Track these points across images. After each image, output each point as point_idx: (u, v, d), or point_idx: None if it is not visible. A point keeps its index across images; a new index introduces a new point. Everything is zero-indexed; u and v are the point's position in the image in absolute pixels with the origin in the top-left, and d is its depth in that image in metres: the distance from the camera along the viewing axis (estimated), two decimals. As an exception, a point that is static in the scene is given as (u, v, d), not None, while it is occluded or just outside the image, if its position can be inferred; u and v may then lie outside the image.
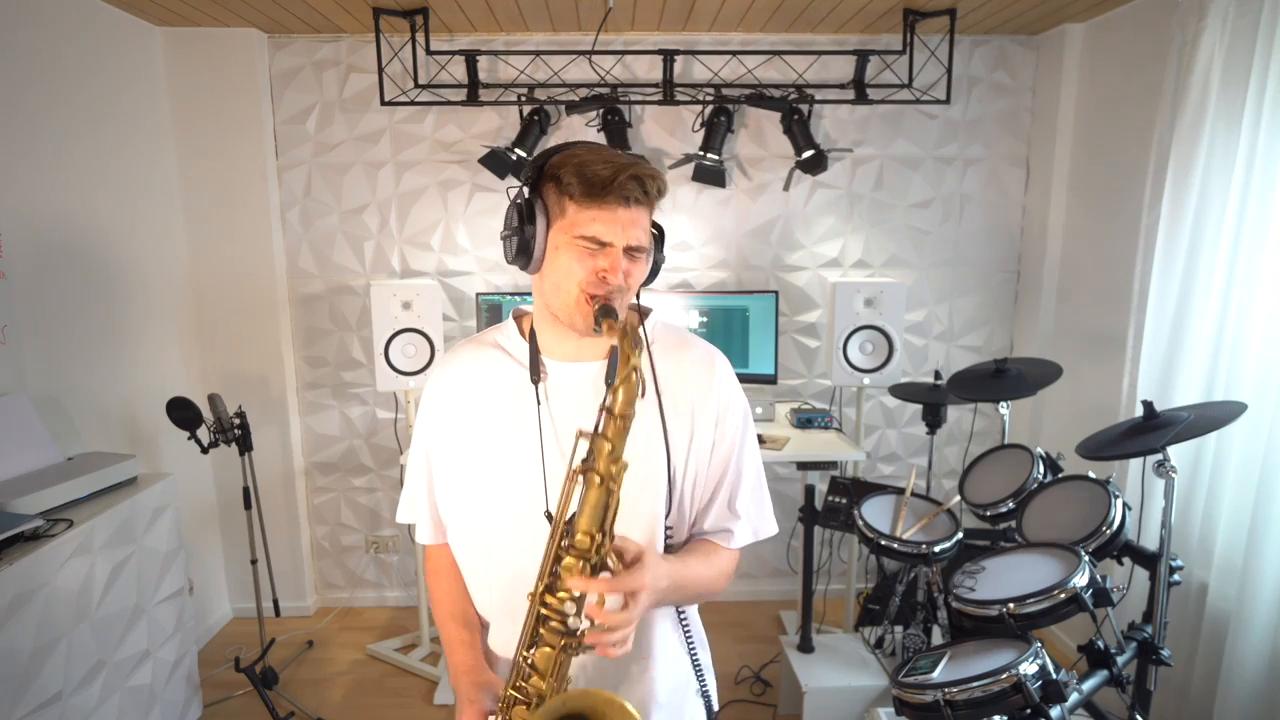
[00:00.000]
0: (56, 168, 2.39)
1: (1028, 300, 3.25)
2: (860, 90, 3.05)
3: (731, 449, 1.10)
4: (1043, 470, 2.07)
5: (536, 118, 2.97)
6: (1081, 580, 1.55)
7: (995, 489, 2.11)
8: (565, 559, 0.90)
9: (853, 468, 2.93)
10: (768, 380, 3.02)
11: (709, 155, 2.99)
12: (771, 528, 1.14)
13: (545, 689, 0.92)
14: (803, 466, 2.69)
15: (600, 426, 0.89)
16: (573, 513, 0.91)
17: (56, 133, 2.39)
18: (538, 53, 3.02)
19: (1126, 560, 1.83)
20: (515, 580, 0.99)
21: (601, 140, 2.95)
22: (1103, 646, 1.66)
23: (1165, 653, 1.71)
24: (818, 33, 3.05)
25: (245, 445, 2.64)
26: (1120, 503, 1.78)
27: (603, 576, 0.91)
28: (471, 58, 2.97)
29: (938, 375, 2.68)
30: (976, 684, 1.45)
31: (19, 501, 1.88)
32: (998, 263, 3.29)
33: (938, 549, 1.98)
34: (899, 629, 2.46)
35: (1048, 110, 3.07)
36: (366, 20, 2.84)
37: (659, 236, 1.08)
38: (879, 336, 2.84)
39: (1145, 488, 2.06)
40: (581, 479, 0.89)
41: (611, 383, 0.90)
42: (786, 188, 3.17)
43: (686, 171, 3.07)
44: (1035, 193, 3.18)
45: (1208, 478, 2.19)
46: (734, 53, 3.05)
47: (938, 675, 1.53)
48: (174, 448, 2.78)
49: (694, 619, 1.16)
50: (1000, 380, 2.29)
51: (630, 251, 0.98)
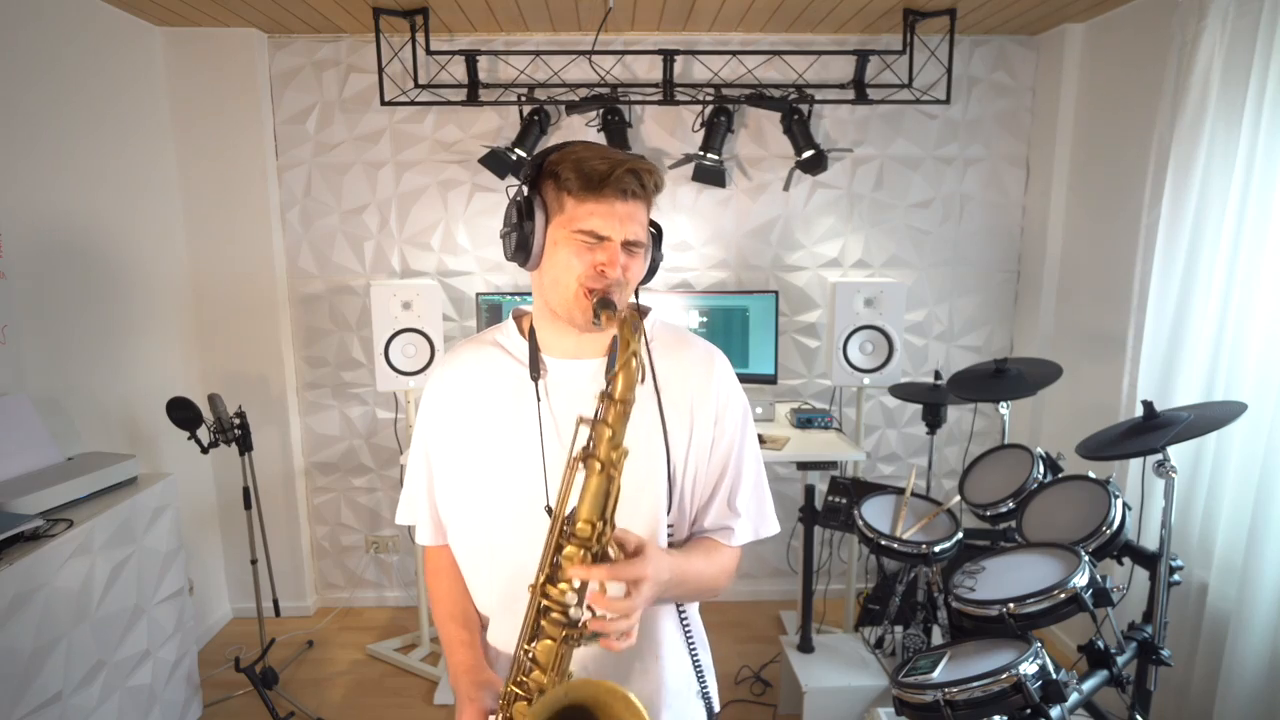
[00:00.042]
0: (56, 168, 2.39)
1: (1028, 300, 3.25)
2: (860, 90, 3.05)
3: (731, 446, 1.10)
4: (1043, 470, 2.06)
5: (536, 118, 2.97)
6: (1081, 580, 1.55)
7: (995, 489, 2.11)
8: (566, 548, 0.90)
9: (853, 468, 2.93)
10: (768, 380, 3.02)
11: (709, 155, 2.99)
12: (773, 526, 1.14)
13: (546, 684, 0.92)
14: (803, 466, 2.69)
15: (600, 413, 0.89)
16: (573, 507, 0.91)
17: (56, 133, 2.39)
18: (538, 53, 3.02)
19: (1126, 560, 1.83)
20: (516, 576, 0.99)
21: (601, 140, 2.96)
22: (1103, 646, 1.66)
23: (1165, 653, 1.71)
24: (818, 33, 3.05)
25: (245, 445, 2.64)
26: (1120, 503, 1.78)
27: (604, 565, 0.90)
28: (471, 58, 2.97)
29: (938, 375, 2.68)
30: (976, 684, 1.45)
31: (19, 501, 1.88)
32: (998, 263, 3.29)
33: (938, 549, 1.98)
34: (899, 629, 2.46)
35: (1048, 110, 3.07)
36: (366, 20, 2.84)
37: (657, 235, 1.08)
38: (879, 336, 2.84)
39: (1145, 488, 2.06)
40: (582, 466, 0.89)
41: (612, 373, 0.90)
42: (786, 188, 3.17)
43: (686, 171, 3.07)
44: (1035, 193, 3.18)
45: (1208, 478, 2.19)
46: (734, 53, 3.05)
47: (938, 675, 1.53)
48: (174, 448, 2.78)
49: (694, 619, 1.16)
50: (1000, 380, 2.29)
51: (628, 246, 0.99)
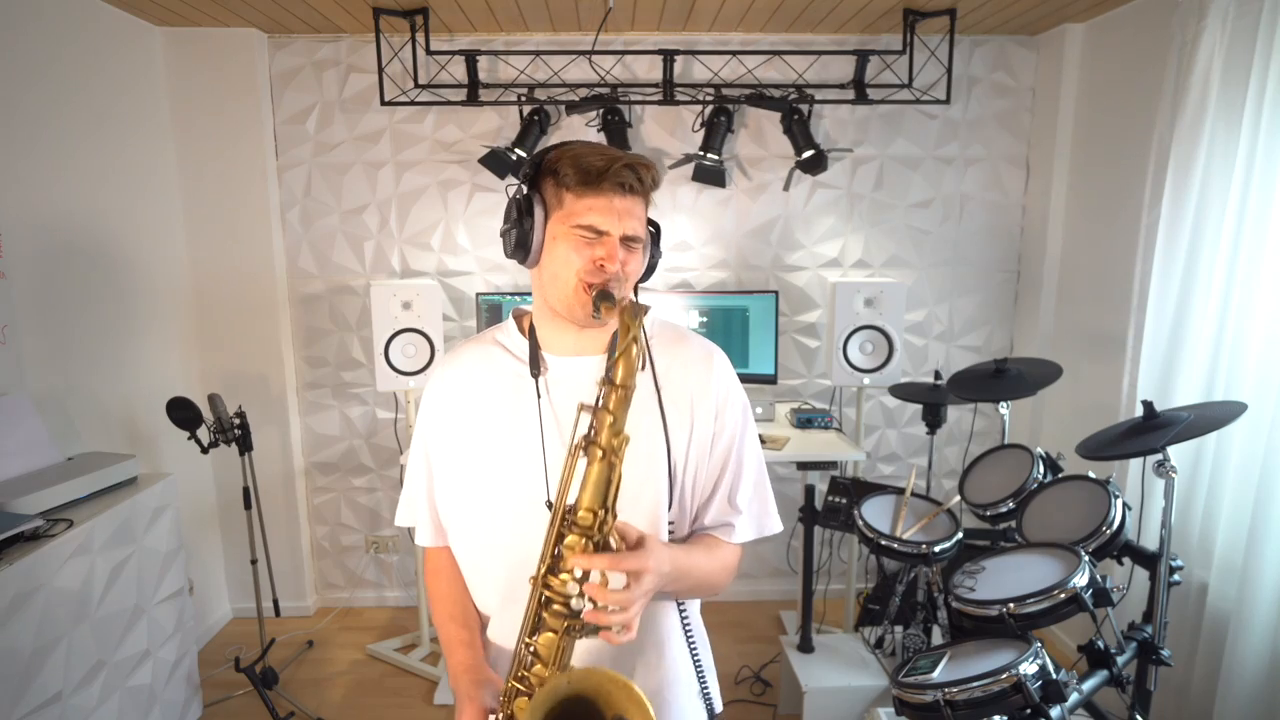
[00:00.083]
0: (57, 168, 2.39)
1: (1028, 300, 3.25)
2: (860, 90, 3.05)
3: (732, 442, 1.10)
4: (1043, 470, 2.06)
5: (536, 118, 2.97)
6: (1081, 580, 1.55)
7: (995, 489, 2.11)
8: (568, 537, 0.90)
9: (853, 468, 2.93)
10: (768, 380, 3.02)
11: (709, 155, 2.99)
12: (775, 524, 1.14)
13: (548, 679, 0.91)
14: (803, 466, 2.69)
15: (601, 399, 0.90)
16: (575, 497, 0.91)
17: (57, 133, 2.39)
18: (538, 53, 3.02)
19: (1126, 560, 1.83)
20: (517, 571, 0.99)
21: (601, 140, 2.96)
22: (1103, 646, 1.66)
23: (1165, 653, 1.71)
24: (818, 33, 3.05)
25: (245, 445, 2.64)
26: (1120, 503, 1.78)
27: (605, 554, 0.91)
28: (471, 58, 2.97)
29: (938, 375, 2.68)
30: (976, 684, 1.45)
31: (19, 501, 1.88)
32: (998, 263, 3.29)
33: (938, 549, 1.98)
34: (899, 629, 2.46)
35: (1048, 110, 3.07)
36: (366, 20, 2.84)
37: (655, 234, 1.08)
38: (879, 336, 2.84)
39: (1145, 488, 2.06)
40: (584, 454, 0.90)
41: (612, 359, 0.91)
42: (786, 188, 3.17)
43: (686, 171, 3.07)
44: (1035, 193, 3.18)
45: (1208, 478, 2.19)
46: (734, 53, 3.05)
47: (938, 675, 1.53)
48: (174, 448, 2.78)
49: (695, 618, 1.16)
50: (1000, 380, 2.29)
51: (626, 242, 1.00)
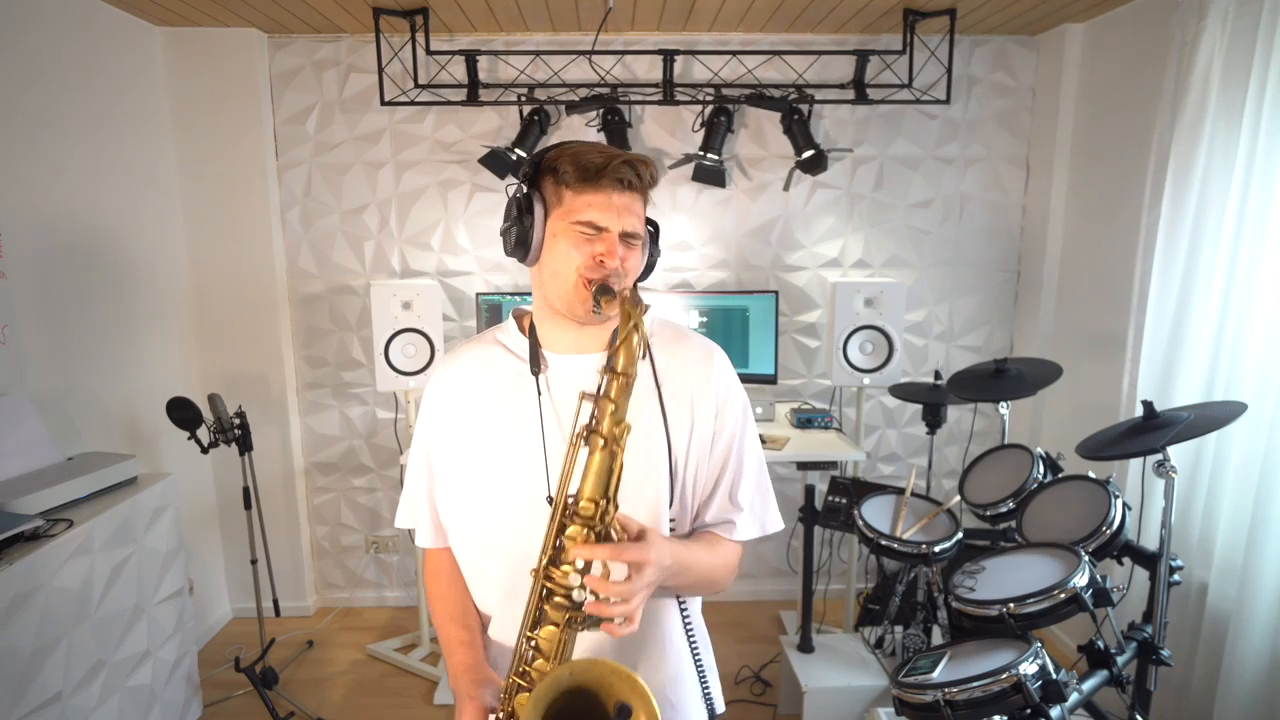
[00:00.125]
0: (57, 168, 2.39)
1: (1028, 300, 3.25)
2: (860, 90, 3.05)
3: (732, 439, 1.10)
4: (1043, 470, 2.06)
5: (536, 118, 2.97)
6: (1081, 580, 1.55)
7: (995, 489, 2.11)
8: (570, 528, 0.90)
9: (853, 468, 2.93)
10: (768, 380, 3.02)
11: (709, 155, 2.99)
12: (777, 522, 1.15)
13: (550, 671, 0.91)
14: (803, 466, 2.69)
15: (603, 388, 0.90)
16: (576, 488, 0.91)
17: (57, 133, 2.39)
18: (538, 53, 3.02)
19: (1126, 560, 1.83)
20: (518, 568, 0.99)
21: (601, 140, 2.96)
22: (1103, 646, 1.66)
23: (1165, 653, 1.71)
24: (818, 33, 3.05)
25: (245, 445, 2.64)
26: (1120, 503, 1.78)
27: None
28: (471, 58, 2.97)
29: (938, 375, 2.68)
30: (976, 684, 1.45)
31: (19, 501, 1.88)
32: (998, 263, 3.29)
33: (938, 549, 1.98)
34: (899, 629, 2.46)
35: (1048, 110, 3.07)
36: (366, 20, 2.84)
37: (654, 234, 1.09)
38: (879, 336, 2.84)
39: (1145, 488, 2.06)
40: (585, 444, 0.90)
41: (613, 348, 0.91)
42: (786, 188, 3.17)
43: (686, 171, 3.07)
44: (1035, 193, 3.18)
45: (1208, 478, 2.19)
46: (734, 53, 3.05)
47: (938, 675, 1.53)
48: (174, 448, 2.78)
49: (697, 618, 1.16)
50: (1000, 380, 2.29)
51: (626, 238, 1.01)
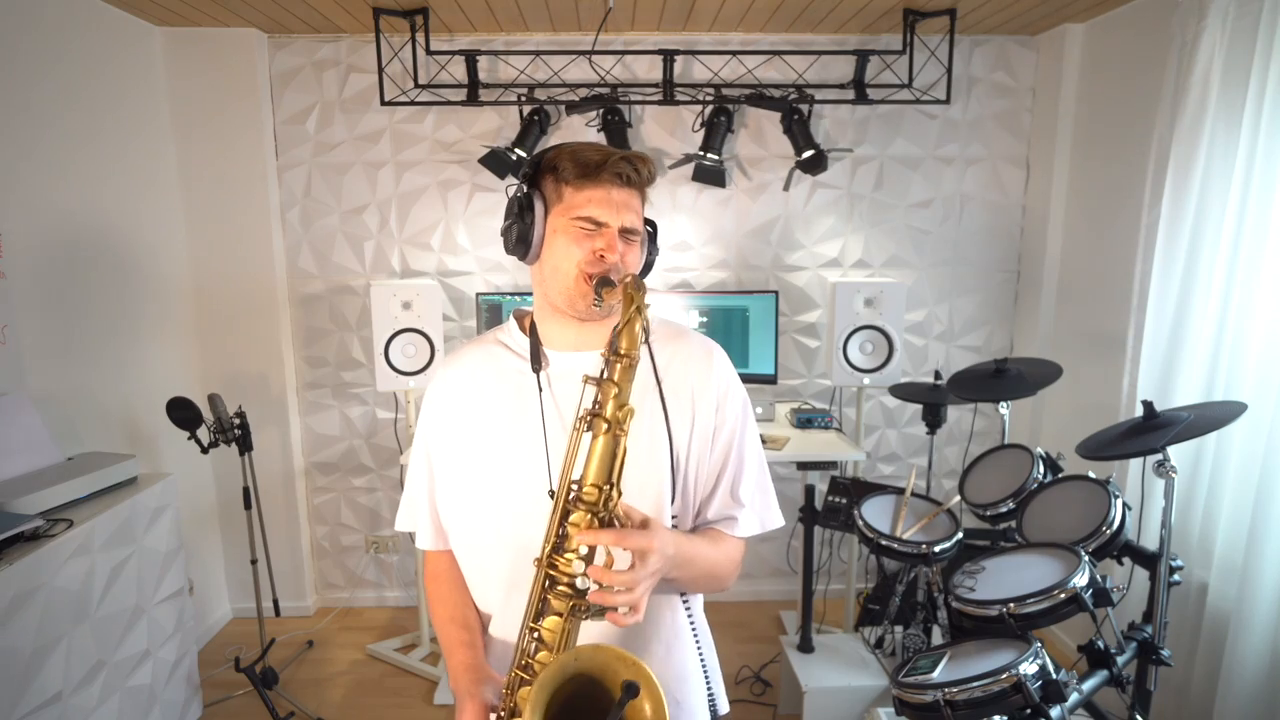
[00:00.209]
0: (57, 168, 2.39)
1: (1028, 300, 3.25)
2: (860, 90, 3.05)
3: (733, 435, 1.10)
4: (1043, 470, 2.06)
5: (536, 118, 2.97)
6: (1081, 580, 1.55)
7: (995, 489, 2.11)
8: (573, 514, 0.90)
9: (853, 468, 2.93)
10: (768, 380, 3.02)
11: (709, 155, 2.99)
12: (777, 518, 1.15)
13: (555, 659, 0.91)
14: (803, 466, 2.69)
15: (606, 371, 0.91)
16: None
17: (57, 133, 2.39)
18: (538, 53, 3.02)
19: (1126, 560, 1.83)
20: (521, 560, 0.98)
21: (601, 140, 2.96)
22: (1103, 646, 1.66)
23: (1165, 653, 1.71)
24: (818, 33, 3.05)
25: (245, 445, 2.64)
26: (1120, 503, 1.78)
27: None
28: (471, 58, 2.97)
29: (938, 375, 2.68)
30: (976, 684, 1.45)
31: (19, 501, 1.88)
32: (998, 263, 3.29)
33: (938, 549, 1.98)
34: (899, 629, 2.46)
35: (1048, 110, 3.07)
36: (366, 20, 2.84)
37: (652, 233, 1.10)
38: (879, 336, 2.84)
39: (1145, 488, 2.06)
40: (588, 429, 0.90)
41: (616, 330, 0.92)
42: (786, 188, 3.17)
43: (686, 171, 3.07)
44: (1035, 193, 3.18)
45: (1208, 478, 2.19)
46: (734, 53, 3.05)
47: (938, 675, 1.53)
48: (174, 448, 2.78)
49: (700, 618, 1.16)
50: (1000, 380, 2.29)
51: (625, 234, 1.02)
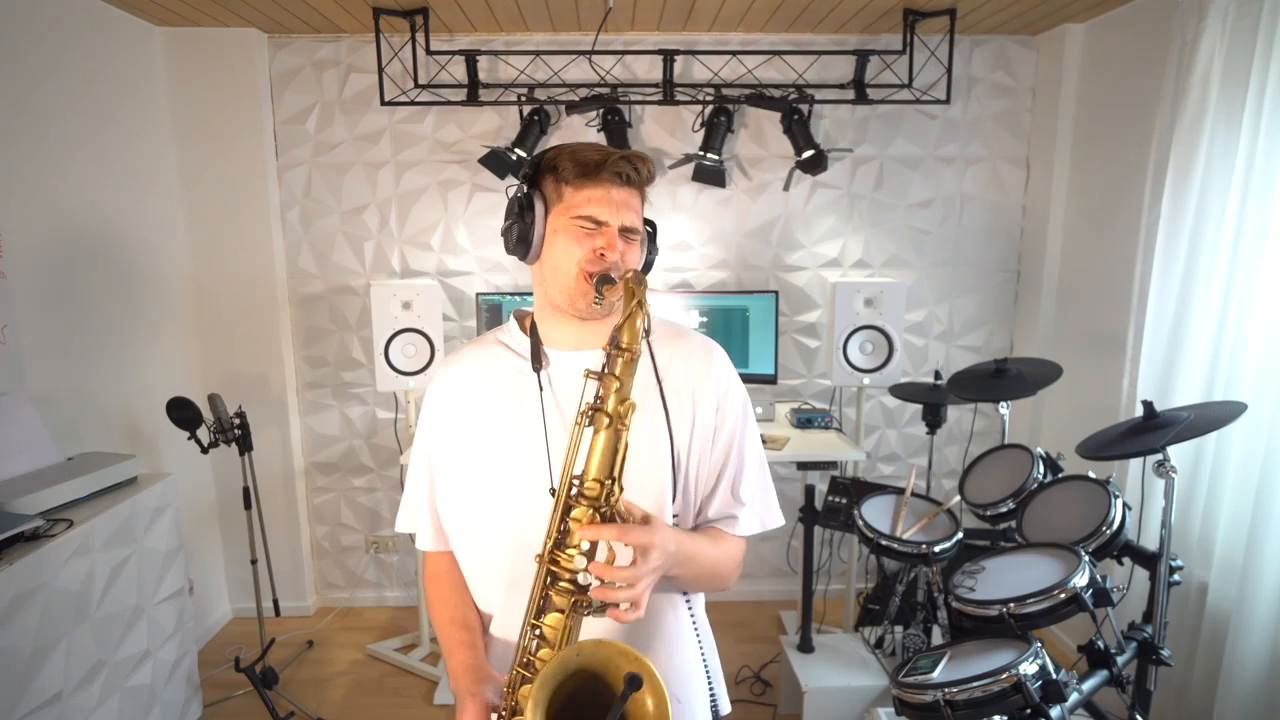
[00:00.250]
0: (57, 168, 2.39)
1: (1028, 300, 3.25)
2: (860, 90, 3.05)
3: (733, 434, 1.11)
4: (1043, 470, 2.06)
5: (536, 118, 2.97)
6: (1081, 580, 1.55)
7: (995, 489, 2.11)
8: (575, 509, 0.90)
9: (853, 468, 2.93)
10: (768, 380, 3.02)
11: (709, 155, 2.99)
12: (778, 518, 1.15)
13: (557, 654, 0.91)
14: (803, 466, 2.69)
15: (608, 365, 0.91)
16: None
17: (57, 133, 2.39)
18: (538, 53, 3.02)
19: (1126, 560, 1.83)
20: (522, 559, 0.98)
21: (601, 140, 2.96)
22: (1103, 646, 1.66)
23: (1165, 653, 1.71)
24: (818, 33, 3.05)
25: (245, 445, 2.64)
26: (1120, 503, 1.78)
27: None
28: (471, 58, 2.97)
29: (938, 375, 2.68)
30: (976, 684, 1.45)
31: (19, 501, 1.88)
32: (998, 263, 3.29)
33: (938, 549, 1.98)
34: (899, 629, 2.46)
35: (1048, 110, 3.07)
36: (366, 20, 2.84)
37: (652, 233, 1.10)
38: (879, 336, 2.84)
39: (1145, 488, 2.06)
40: (590, 423, 0.90)
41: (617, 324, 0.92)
42: (786, 188, 3.17)
43: (686, 171, 3.07)
44: (1035, 193, 3.18)
45: (1208, 478, 2.19)
46: (734, 53, 3.05)
47: (938, 675, 1.53)
48: (174, 448, 2.78)
49: (702, 618, 1.16)
50: (1000, 380, 2.29)
51: (625, 233, 1.02)
